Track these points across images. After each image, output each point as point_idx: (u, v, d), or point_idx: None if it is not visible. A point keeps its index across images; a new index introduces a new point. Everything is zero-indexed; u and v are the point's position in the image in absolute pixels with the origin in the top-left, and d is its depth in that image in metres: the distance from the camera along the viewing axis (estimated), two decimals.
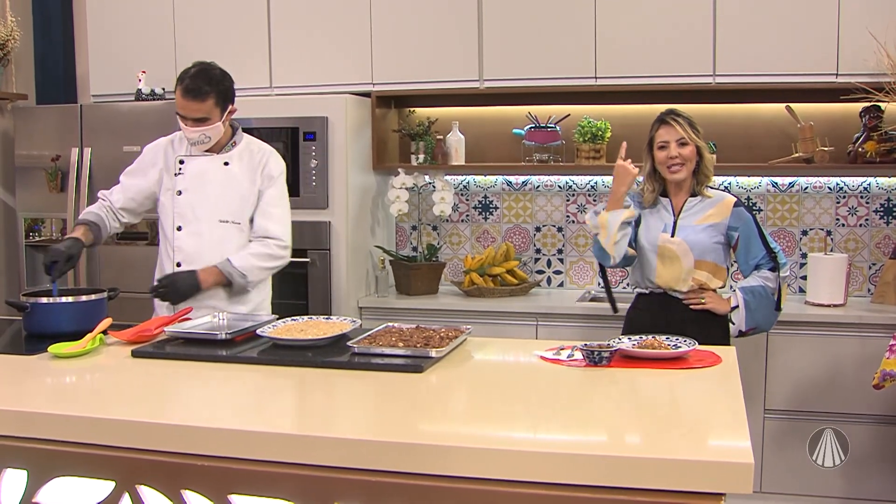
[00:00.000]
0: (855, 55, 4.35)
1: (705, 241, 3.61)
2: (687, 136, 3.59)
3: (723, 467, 1.84)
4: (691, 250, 3.60)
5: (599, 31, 4.69)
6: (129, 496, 2.19)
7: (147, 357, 2.89)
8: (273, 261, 3.63)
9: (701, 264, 3.61)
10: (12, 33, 5.32)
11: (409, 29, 4.95)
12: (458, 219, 5.43)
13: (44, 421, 2.27)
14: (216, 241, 3.56)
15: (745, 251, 3.65)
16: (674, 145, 3.60)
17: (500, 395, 2.53)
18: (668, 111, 3.69)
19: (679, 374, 2.65)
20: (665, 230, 3.66)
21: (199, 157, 3.59)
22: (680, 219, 3.66)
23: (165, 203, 3.62)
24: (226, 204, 3.58)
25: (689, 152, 3.60)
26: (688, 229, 3.63)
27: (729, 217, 3.63)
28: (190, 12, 5.26)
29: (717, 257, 3.63)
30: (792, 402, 4.39)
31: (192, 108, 3.45)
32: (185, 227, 3.58)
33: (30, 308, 3.20)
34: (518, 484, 1.90)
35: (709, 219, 3.63)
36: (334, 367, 2.73)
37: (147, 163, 3.70)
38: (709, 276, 3.63)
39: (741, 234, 3.62)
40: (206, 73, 3.48)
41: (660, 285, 3.68)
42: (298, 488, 2.06)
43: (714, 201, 3.66)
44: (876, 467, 4.30)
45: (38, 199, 5.23)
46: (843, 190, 4.85)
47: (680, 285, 3.64)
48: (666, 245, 3.63)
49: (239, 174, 3.60)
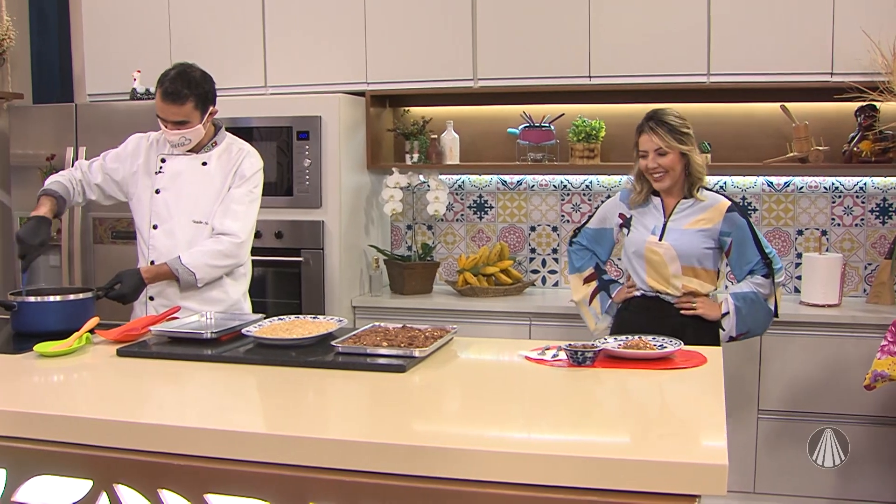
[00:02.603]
0: (849, 54, 4.33)
1: (694, 246, 3.53)
2: (665, 145, 3.50)
3: (697, 469, 1.82)
4: (678, 256, 3.53)
5: (593, 30, 4.68)
6: (106, 495, 2.19)
7: (132, 356, 2.89)
8: (225, 259, 3.53)
9: (688, 270, 3.56)
10: (8, 32, 5.33)
11: (403, 28, 4.95)
12: (452, 218, 5.42)
13: (23, 420, 2.27)
14: (189, 240, 3.53)
15: (738, 257, 3.57)
16: (652, 155, 3.52)
17: (481, 396, 2.52)
18: (650, 115, 3.60)
19: (663, 374, 2.64)
20: (654, 232, 3.59)
21: (179, 157, 3.58)
22: (670, 220, 3.58)
23: (143, 200, 3.61)
24: (201, 204, 3.56)
25: (668, 161, 3.51)
26: (677, 232, 3.55)
27: (721, 222, 3.54)
28: (185, 12, 5.26)
29: (706, 262, 3.57)
30: (786, 403, 4.38)
31: (171, 112, 3.42)
32: (161, 226, 3.57)
33: (17, 307, 3.20)
34: (489, 484, 1.90)
35: (700, 223, 3.56)
36: (317, 367, 2.72)
37: (129, 153, 3.68)
38: (699, 283, 3.57)
39: (734, 239, 3.55)
40: (185, 75, 3.44)
41: (649, 290, 3.63)
42: (274, 488, 2.05)
43: (707, 205, 3.58)
44: (870, 468, 4.28)
45: (34, 198, 5.09)
46: (839, 189, 4.83)
47: (669, 290, 3.58)
48: (652, 248, 3.57)
49: (215, 174, 3.58)
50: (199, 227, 3.56)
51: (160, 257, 3.54)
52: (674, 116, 3.56)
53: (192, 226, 3.55)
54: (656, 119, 3.56)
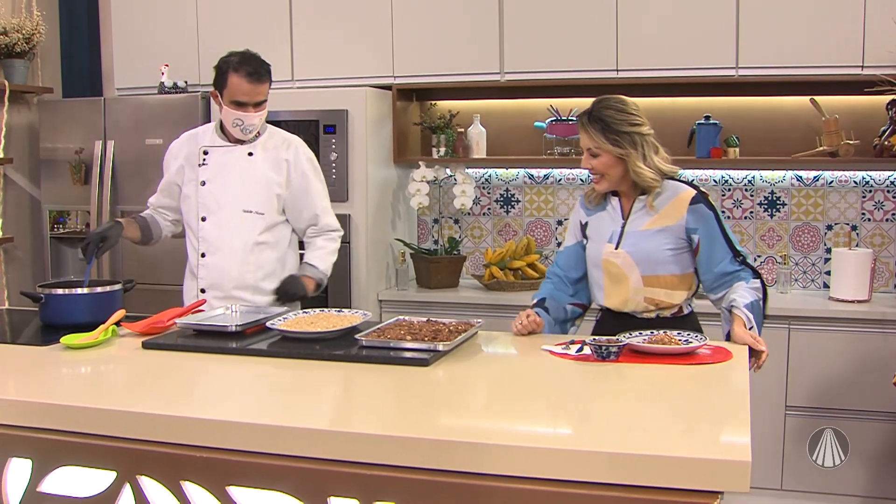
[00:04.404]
0: (880, 47, 4.27)
1: (655, 252, 3.02)
2: (595, 146, 3.01)
3: (719, 465, 1.81)
4: (637, 265, 3.03)
5: (621, 23, 4.65)
6: (129, 487, 2.21)
7: (157, 349, 2.91)
8: (336, 253, 3.77)
9: (652, 280, 3.05)
10: (38, 27, 5.37)
11: (430, 22, 4.94)
12: (479, 212, 5.41)
13: (48, 411, 2.29)
14: (239, 230, 3.56)
15: (707, 257, 3.02)
16: (585, 154, 3.06)
17: (504, 390, 2.52)
18: (590, 107, 3.06)
19: (688, 369, 2.61)
20: (611, 240, 3.09)
21: (223, 148, 3.59)
22: (628, 223, 3.08)
23: (189, 194, 3.63)
24: (249, 194, 3.57)
25: (600, 164, 3.02)
26: (635, 236, 3.05)
27: (686, 216, 3.01)
28: (212, 6, 5.28)
29: (674, 267, 3.05)
30: (814, 399, 4.34)
31: (257, 92, 3.47)
32: (210, 217, 3.58)
33: (44, 299, 3.23)
34: (511, 479, 1.89)
35: (660, 221, 3.03)
36: (341, 360, 2.73)
37: (169, 158, 3.73)
38: (666, 292, 3.07)
39: (702, 236, 3.01)
40: (257, 57, 3.52)
41: (610, 308, 3.15)
42: (296, 481, 2.06)
43: (668, 197, 3.04)
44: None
45: (63, 191, 5.28)
46: (869, 184, 4.77)
47: (630, 307, 3.10)
48: (609, 259, 3.09)
49: (262, 164, 3.59)
50: (250, 216, 3.57)
51: (211, 249, 3.57)
52: (614, 110, 3.01)
53: (241, 215, 3.56)
54: (591, 113, 3.04)
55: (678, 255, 3.05)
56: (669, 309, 3.12)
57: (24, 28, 5.28)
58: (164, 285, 4.99)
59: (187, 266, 3.72)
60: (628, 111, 3.02)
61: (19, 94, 5.48)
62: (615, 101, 3.04)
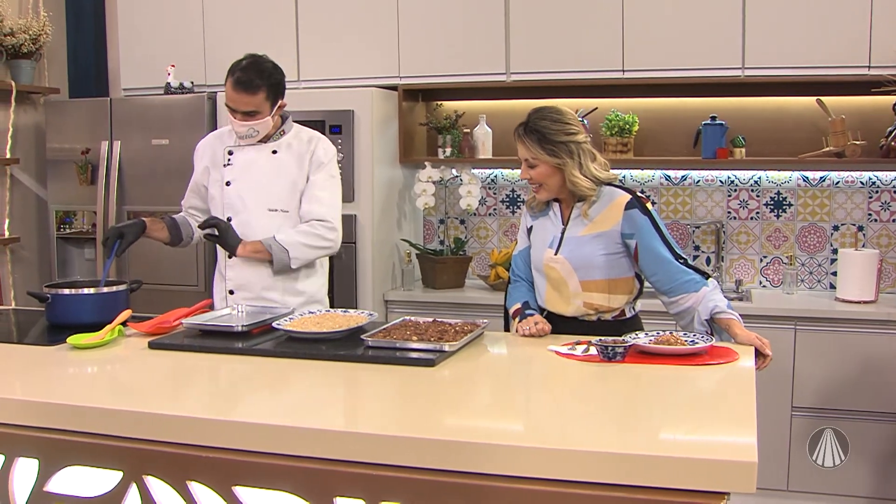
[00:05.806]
0: (887, 47, 4.27)
1: (591, 257, 3.06)
2: (532, 157, 3.04)
3: (725, 466, 1.80)
4: (575, 270, 3.08)
5: (627, 23, 4.65)
6: (136, 486, 2.21)
7: (163, 349, 2.91)
8: (319, 241, 3.50)
9: (590, 285, 3.08)
10: (45, 28, 5.39)
11: (435, 22, 4.94)
12: (485, 212, 5.41)
13: (55, 411, 2.29)
14: (266, 229, 3.49)
15: (650, 261, 3.03)
16: (523, 165, 3.11)
17: (510, 391, 2.52)
18: (526, 118, 3.10)
19: (694, 370, 2.61)
20: (551, 245, 3.14)
21: (247, 147, 3.54)
22: (567, 229, 3.12)
23: (215, 195, 3.60)
24: (274, 192, 3.53)
25: (538, 174, 3.06)
26: (573, 242, 3.09)
27: (621, 222, 3.03)
28: (219, 7, 5.29)
29: (611, 272, 3.07)
30: (820, 400, 4.33)
31: (242, 101, 3.38)
32: (236, 217, 3.53)
33: (50, 299, 3.24)
34: (517, 479, 1.89)
35: (596, 227, 3.06)
36: (347, 360, 2.72)
37: (196, 160, 3.70)
38: (605, 297, 3.10)
39: (638, 241, 3.02)
40: (257, 65, 3.41)
41: (550, 310, 3.20)
42: (302, 481, 2.06)
43: (604, 203, 3.07)
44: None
45: (69, 191, 5.29)
46: (876, 184, 4.76)
47: (571, 311, 3.14)
48: (549, 265, 3.14)
49: (288, 162, 3.54)
50: (275, 215, 3.51)
51: None
52: (550, 121, 3.05)
53: (267, 215, 3.51)
54: (527, 125, 3.08)
55: (615, 259, 3.08)
56: (610, 312, 3.15)
57: (31, 28, 5.30)
58: (170, 285, 5.01)
59: (216, 268, 3.71)
60: (564, 121, 3.06)
61: (26, 94, 5.50)
62: (551, 111, 3.09)
